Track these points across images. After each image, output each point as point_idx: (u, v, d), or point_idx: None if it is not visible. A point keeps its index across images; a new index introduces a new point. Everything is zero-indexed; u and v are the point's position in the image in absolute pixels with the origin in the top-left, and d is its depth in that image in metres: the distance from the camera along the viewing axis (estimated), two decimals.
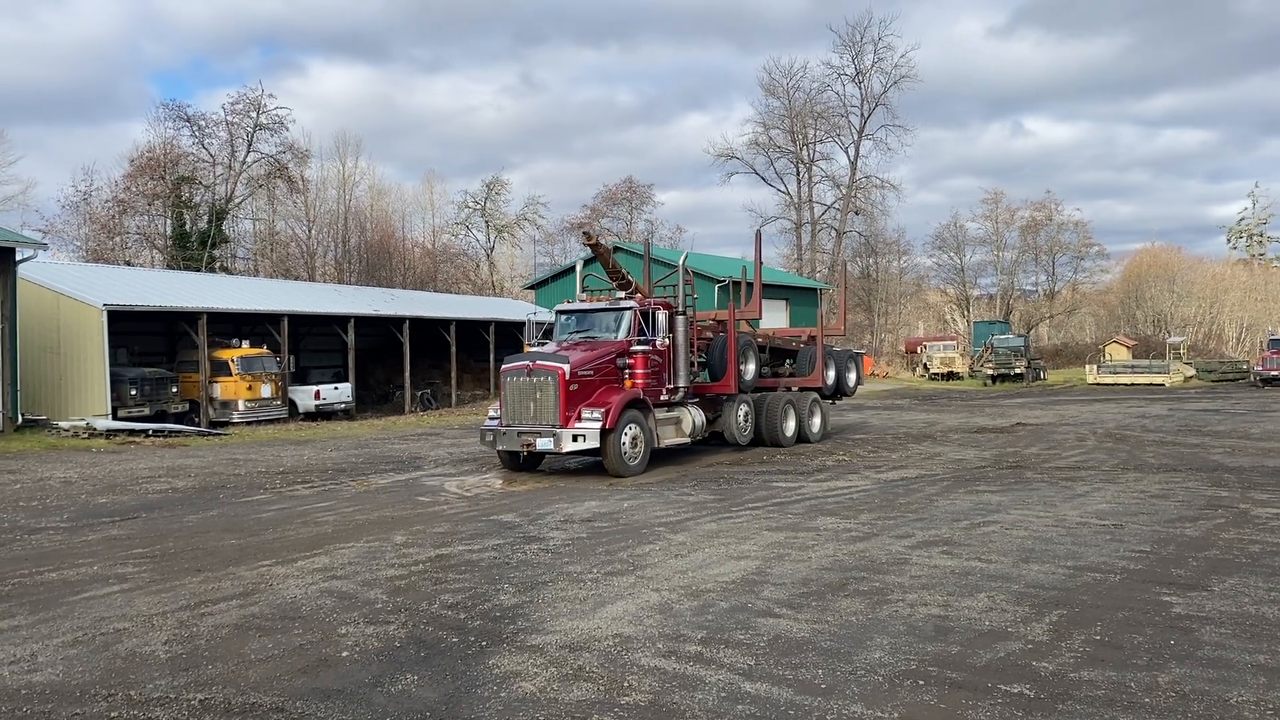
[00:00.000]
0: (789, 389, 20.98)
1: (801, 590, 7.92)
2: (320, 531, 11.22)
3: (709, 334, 19.42)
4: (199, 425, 27.37)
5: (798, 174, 75.94)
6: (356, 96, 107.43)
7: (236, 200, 58.96)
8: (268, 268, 59.76)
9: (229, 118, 57.79)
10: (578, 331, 17.23)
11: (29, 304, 25.58)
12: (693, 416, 17.57)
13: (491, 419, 16.29)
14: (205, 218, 56.07)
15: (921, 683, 5.73)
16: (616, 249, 51.48)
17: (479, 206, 79.31)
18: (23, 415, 24.13)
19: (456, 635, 6.84)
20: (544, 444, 15.23)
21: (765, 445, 19.58)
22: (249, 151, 58.51)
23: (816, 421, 21.25)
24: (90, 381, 26.29)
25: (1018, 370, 51.80)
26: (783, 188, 76.78)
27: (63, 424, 24.33)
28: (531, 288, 54.98)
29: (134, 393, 26.76)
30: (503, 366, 16.29)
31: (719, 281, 47.58)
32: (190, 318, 28.98)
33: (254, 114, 57.89)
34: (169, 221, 56.01)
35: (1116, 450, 18.32)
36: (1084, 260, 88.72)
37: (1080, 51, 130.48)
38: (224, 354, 29.08)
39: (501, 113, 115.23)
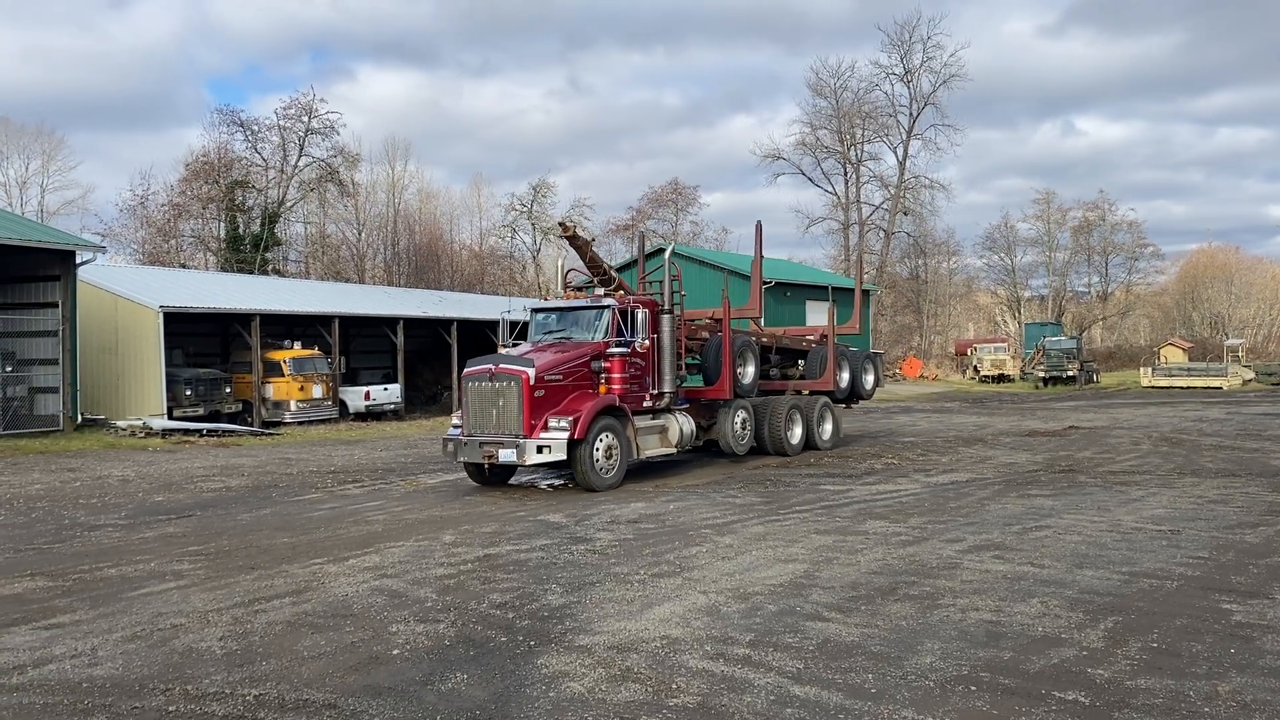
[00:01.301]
0: (799, 393, 19.84)
1: (850, 594, 7.86)
2: (371, 530, 11.35)
3: (705, 334, 18.06)
4: (252, 425, 27.82)
5: (845, 174, 75.34)
6: (406, 101, 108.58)
7: (288, 204, 59.84)
8: (319, 270, 60.58)
9: (281, 122, 58.72)
10: (553, 332, 15.88)
11: (88, 306, 26.15)
12: (680, 424, 16.18)
13: (454, 428, 14.87)
14: (258, 221, 56.98)
15: (973, 688, 5.66)
16: (662, 250, 51.47)
17: (525, 209, 79.67)
18: (82, 415, 24.68)
19: (505, 635, 6.88)
20: (506, 455, 13.81)
21: (768, 454, 18.32)
22: (300, 156, 59.40)
23: (827, 428, 19.96)
24: (147, 382, 26.83)
25: (1070, 373, 51.02)
26: (830, 188, 76.24)
27: (120, 423, 24.86)
28: (578, 289, 55.18)
29: (189, 393, 27.28)
30: (464, 370, 14.93)
31: (764, 284, 47.53)
32: (244, 319, 29.46)
33: (305, 119, 58.75)
34: (223, 225, 57.04)
35: (1172, 454, 17.96)
36: (1138, 261, 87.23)
37: (1133, 49, 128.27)
38: (276, 355, 29.52)
39: (549, 116, 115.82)
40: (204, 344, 32.30)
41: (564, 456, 13.84)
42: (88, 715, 5.46)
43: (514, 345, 15.87)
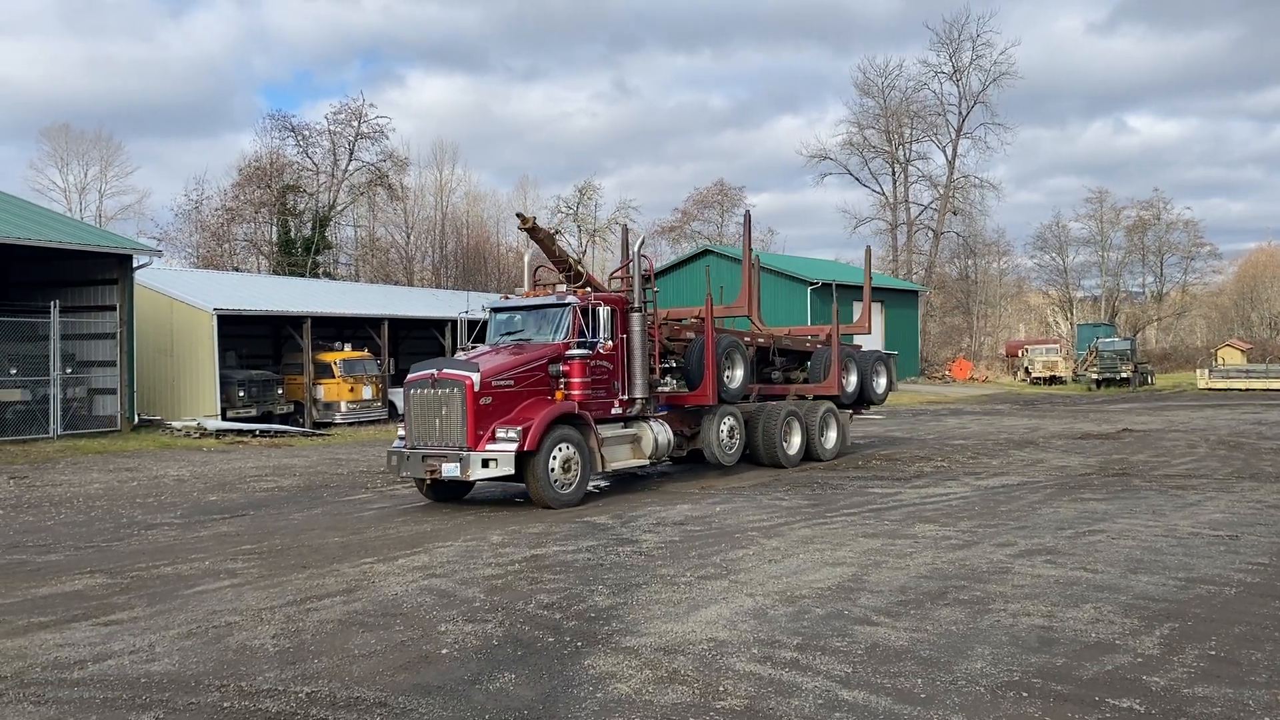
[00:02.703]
0: (803, 397, 18.42)
1: (899, 598, 7.80)
2: (419, 530, 11.46)
3: (691, 334, 16.57)
4: (303, 426, 28.21)
5: (893, 174, 74.65)
6: (454, 105, 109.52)
7: (339, 208, 60.63)
8: (368, 273, 61.30)
9: (332, 127, 59.52)
10: (512, 333, 14.62)
11: (145, 308, 26.67)
12: (654, 433, 14.83)
13: (400, 439, 13.69)
14: (309, 225, 57.79)
15: (1025, 694, 5.59)
16: (706, 251, 51.33)
17: (571, 211, 80.00)
18: (139, 415, 25.17)
19: (552, 635, 6.91)
20: (450, 470, 12.55)
21: (763, 465, 16.96)
22: (350, 160, 60.16)
23: (831, 436, 18.27)
24: (201, 383, 27.32)
25: (1124, 374, 50.11)
26: (877, 188, 75.57)
27: (176, 424, 25.32)
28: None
29: (242, 394, 27.72)
30: (407, 376, 13.73)
31: (810, 284, 47.21)
32: (295, 321, 29.89)
33: (355, 124, 59.49)
34: (275, 228, 57.94)
35: (1230, 458, 17.57)
36: (1194, 261, 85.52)
37: (1186, 46, 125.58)
38: (327, 357, 29.91)
39: (595, 119, 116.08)
40: (256, 346, 32.81)
41: (511, 470, 12.55)
42: (145, 710, 5.58)
43: (472, 348, 14.66)
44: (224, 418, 26.48)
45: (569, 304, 14.08)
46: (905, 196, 74.56)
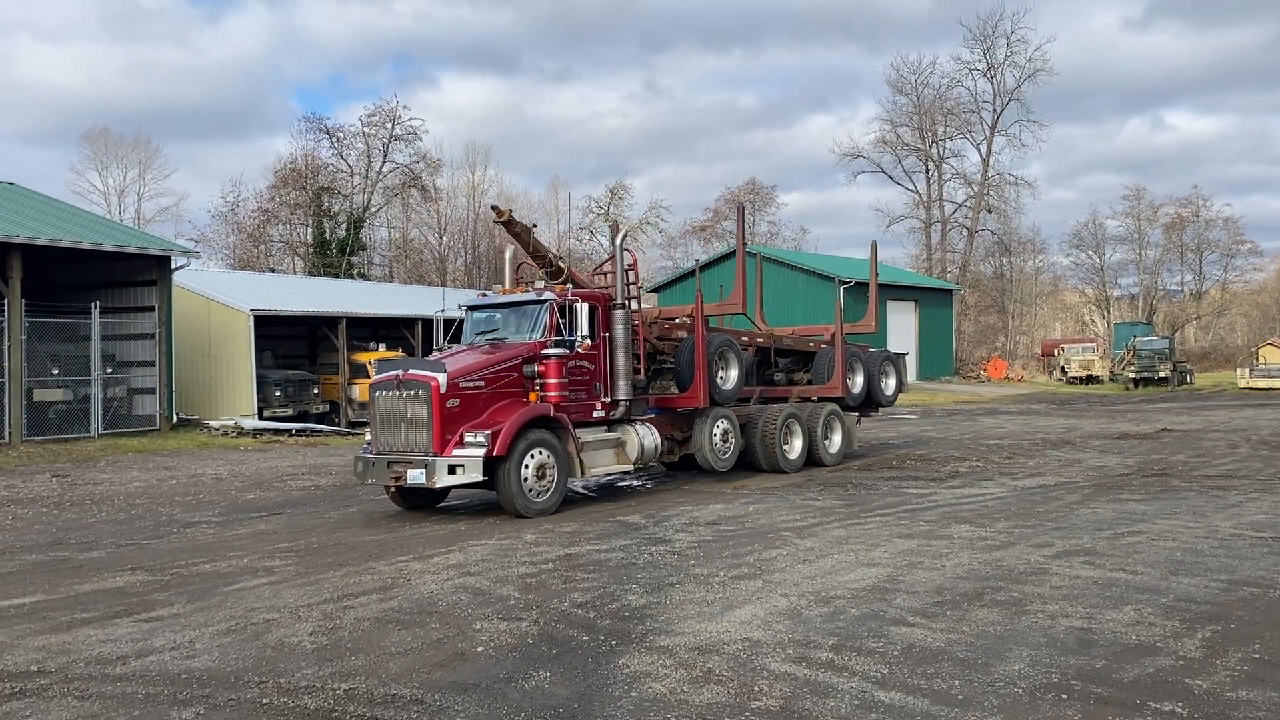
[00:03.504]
0: (807, 399, 17.67)
1: (935, 599, 7.74)
2: (454, 529, 11.53)
3: (683, 333, 15.76)
4: (339, 425, 28.46)
5: (927, 172, 74.18)
6: (486, 107, 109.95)
7: (373, 209, 61.17)
8: (402, 274, 61.79)
9: (365, 129, 60.10)
10: (487, 332, 13.98)
11: (183, 309, 27.04)
12: (640, 437, 14.02)
13: (368, 444, 13.01)
14: (344, 226, 58.35)
15: (1064, 697, 5.53)
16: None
17: (603, 211, 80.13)
18: (177, 415, 25.51)
19: (587, 634, 6.92)
20: (415, 477, 11.89)
21: (762, 471, 16.19)
22: (384, 162, 60.72)
23: (836, 440, 17.56)
24: (238, 383, 27.64)
25: (1162, 374, 49.45)
26: (911, 186, 75.13)
27: (213, 423, 25.64)
28: (654, 290, 55.24)
29: (278, 394, 28.02)
30: (372, 378, 13.07)
31: (844, 283, 46.98)
32: (330, 322, 30.18)
33: (389, 125, 60.06)
34: (310, 230, 58.55)
35: (1273, 458, 17.28)
36: (1234, 258, 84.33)
37: (1224, 41, 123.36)
38: (362, 357, 30.13)
39: (626, 119, 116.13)
40: (292, 346, 33.15)
41: (479, 477, 11.91)
42: (186, 706, 5.65)
43: (449, 347, 14.04)
44: (260, 417, 26.78)
45: (545, 301, 13.37)
46: (939, 194, 74.11)
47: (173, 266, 25.39)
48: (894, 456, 18.69)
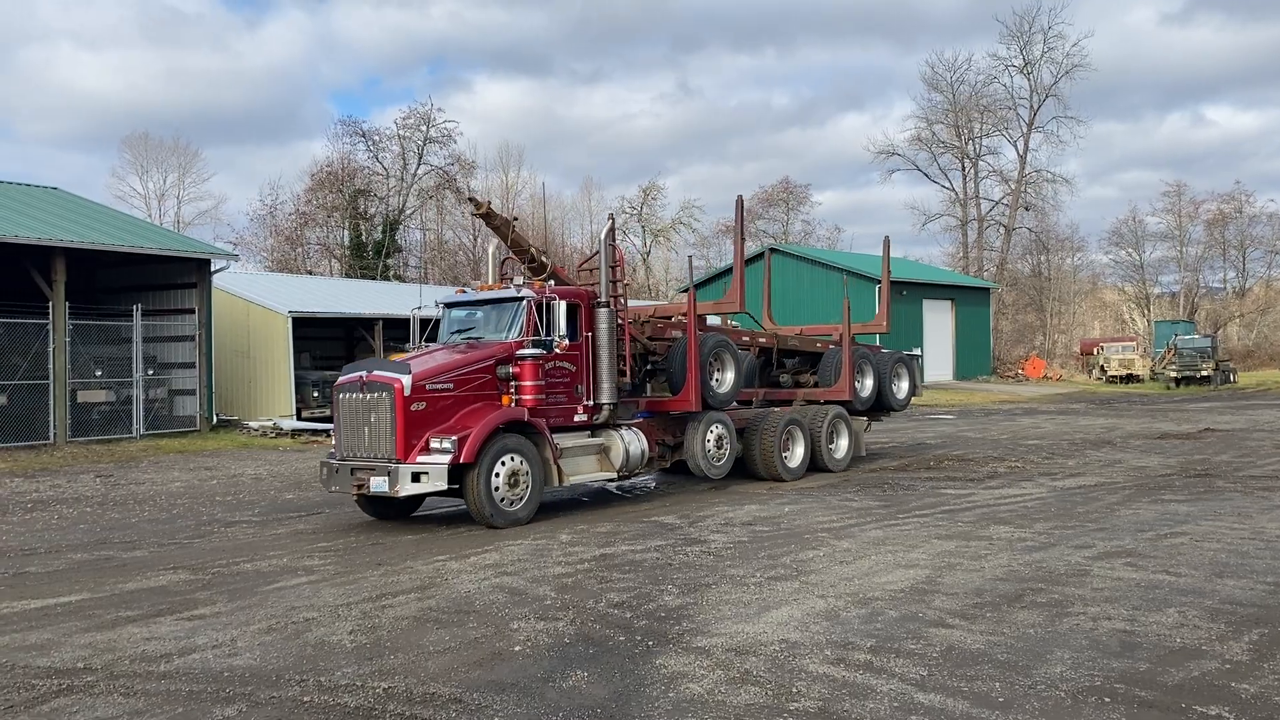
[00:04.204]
0: (814, 402, 16.93)
1: (975, 601, 7.67)
2: (490, 529, 11.57)
3: (678, 334, 15.14)
4: None
5: (963, 169, 73.52)
6: (519, 109, 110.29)
7: (408, 211, 61.61)
8: (437, 275, 62.15)
9: (401, 132, 60.54)
10: (463, 331, 13.37)
11: (222, 311, 27.37)
12: (625, 443, 13.22)
13: (334, 449, 12.44)
14: (379, 228, 58.81)
15: (1107, 700, 5.46)
16: (773, 250, 50.91)
17: (635, 212, 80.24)
18: (217, 415, 25.83)
19: (623, 634, 6.93)
20: (378, 484, 11.27)
21: (760, 479, 15.34)
22: (419, 164, 61.13)
23: (842, 445, 16.72)
24: (276, 384, 27.94)
25: (1204, 372, 48.66)
26: (946, 184, 74.52)
27: (252, 424, 25.92)
28: (686, 290, 55.18)
29: (316, 394, 28.26)
30: (337, 379, 12.42)
31: (879, 282, 46.58)
32: (367, 323, 30.43)
33: (424, 128, 60.45)
34: (346, 232, 59.08)
35: None
36: (1278, 255, 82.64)
37: (1266, 35, 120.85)
38: (399, 358, 30.32)
39: (658, 120, 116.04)
40: (329, 348, 33.44)
41: (444, 485, 11.23)
42: (229, 703, 5.72)
43: (424, 346, 13.47)
44: (299, 418, 27.04)
45: (523, 298, 12.61)
46: (975, 192, 73.49)
47: (212, 269, 25.70)
48: (931, 457, 18.55)
